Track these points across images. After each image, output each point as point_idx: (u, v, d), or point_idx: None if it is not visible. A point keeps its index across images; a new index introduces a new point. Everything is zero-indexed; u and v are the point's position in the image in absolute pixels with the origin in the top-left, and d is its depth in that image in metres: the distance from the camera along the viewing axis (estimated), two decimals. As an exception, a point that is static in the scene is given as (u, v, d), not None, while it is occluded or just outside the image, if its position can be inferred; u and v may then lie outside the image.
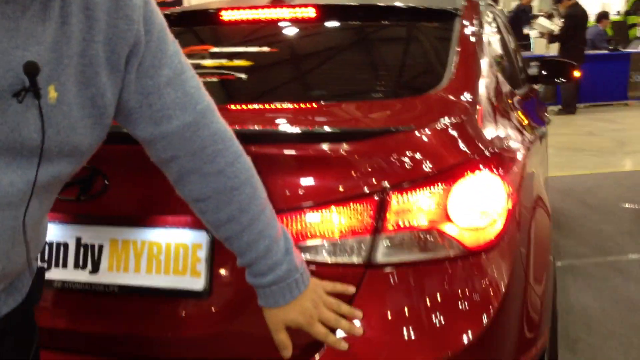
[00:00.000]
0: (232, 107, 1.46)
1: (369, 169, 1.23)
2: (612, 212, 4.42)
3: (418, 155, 1.26)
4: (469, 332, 1.21)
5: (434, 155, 1.28)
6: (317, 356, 1.19)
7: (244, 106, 1.50)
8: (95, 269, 1.28)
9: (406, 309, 1.21)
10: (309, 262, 1.20)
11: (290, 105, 1.45)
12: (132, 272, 1.26)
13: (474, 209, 1.29)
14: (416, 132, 1.29)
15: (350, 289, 1.20)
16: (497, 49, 2.38)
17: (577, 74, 3.36)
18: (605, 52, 10.56)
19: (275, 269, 1.11)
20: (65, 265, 1.30)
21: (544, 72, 3.62)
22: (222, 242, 1.13)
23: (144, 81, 0.97)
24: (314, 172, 1.23)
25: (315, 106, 1.47)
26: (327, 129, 1.30)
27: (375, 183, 1.22)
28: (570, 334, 2.63)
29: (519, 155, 1.62)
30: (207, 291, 1.23)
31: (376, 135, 1.27)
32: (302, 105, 1.45)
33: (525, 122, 2.10)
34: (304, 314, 1.15)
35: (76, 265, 1.29)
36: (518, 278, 1.34)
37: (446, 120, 1.37)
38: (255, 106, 1.49)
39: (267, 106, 1.48)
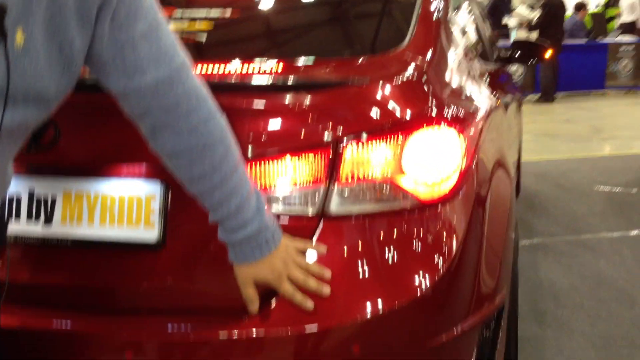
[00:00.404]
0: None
1: (324, 120, 1.22)
2: (585, 194, 4.46)
3: (374, 108, 1.27)
4: (422, 282, 1.22)
5: (389, 109, 1.28)
6: (273, 302, 1.19)
7: (203, 62, 1.48)
8: (48, 222, 1.26)
9: (359, 260, 1.21)
10: (262, 213, 1.20)
11: (248, 59, 1.44)
12: (85, 224, 1.25)
13: (429, 162, 1.29)
14: (372, 85, 1.29)
15: (322, 249, 1.20)
16: (465, 20, 2.38)
17: (549, 54, 3.38)
18: (583, 42, 10.66)
19: (245, 226, 1.12)
20: (18, 217, 1.28)
21: (516, 54, 3.66)
22: (195, 197, 1.13)
23: (118, 34, 0.96)
24: (268, 122, 1.22)
25: (274, 60, 1.46)
26: (282, 79, 1.30)
27: (329, 134, 1.22)
28: (538, 307, 2.66)
29: (479, 118, 1.63)
30: (160, 243, 1.23)
31: (332, 87, 1.27)
32: (260, 59, 1.45)
33: (491, 91, 2.11)
34: (273, 272, 1.16)
35: (29, 218, 1.27)
36: (473, 233, 1.35)
37: (404, 76, 1.37)
38: (214, 61, 1.48)
39: (224, 61, 1.47)
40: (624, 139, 6.56)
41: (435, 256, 1.24)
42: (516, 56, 3.61)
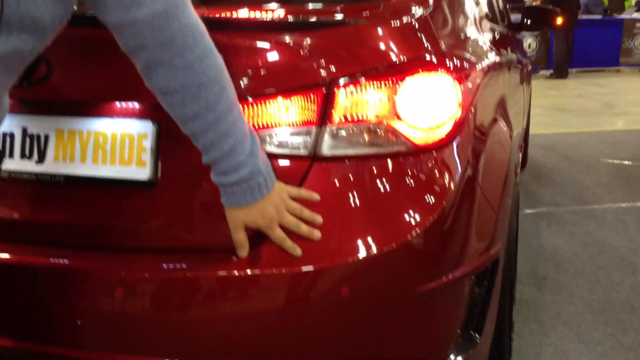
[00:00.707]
0: None
1: (319, 60, 1.21)
2: (592, 166, 4.43)
3: (369, 49, 1.25)
4: (412, 228, 1.21)
5: (385, 51, 1.26)
6: (264, 243, 1.19)
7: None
8: (41, 159, 1.27)
9: (350, 203, 1.20)
10: (254, 152, 1.19)
11: None
12: (78, 162, 1.25)
13: (424, 108, 1.27)
14: (370, 26, 1.27)
15: (315, 196, 1.20)
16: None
17: (560, 21, 3.33)
18: (599, 17, 10.48)
19: (238, 169, 1.11)
20: (11, 155, 1.28)
21: (527, 20, 3.60)
22: (189, 137, 1.13)
23: None
24: (262, 61, 1.21)
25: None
26: (277, 18, 1.28)
27: (324, 74, 1.20)
28: (538, 272, 2.66)
29: (481, 71, 1.61)
30: (152, 181, 1.22)
31: (328, 27, 1.25)
32: None
33: (497, 51, 2.08)
34: (265, 216, 1.16)
35: (22, 156, 1.28)
36: (467, 182, 1.33)
37: (403, 19, 1.35)
38: None
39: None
40: (635, 114, 6.49)
41: (427, 202, 1.24)
42: (527, 23, 3.57)
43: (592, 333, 2.14)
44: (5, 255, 1.27)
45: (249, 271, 1.18)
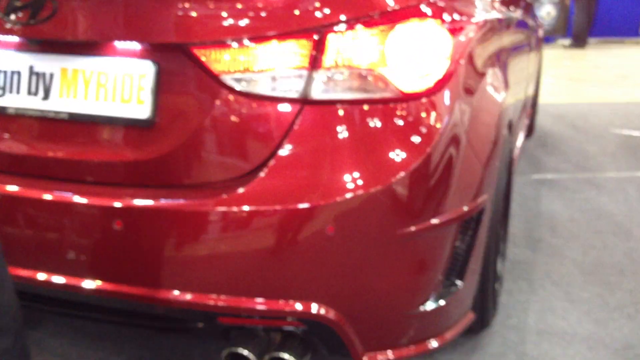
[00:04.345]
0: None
1: (312, 6, 1.26)
2: (600, 136, 4.43)
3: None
4: (397, 172, 1.27)
5: None
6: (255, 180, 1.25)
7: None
8: (46, 96, 1.33)
9: (339, 145, 1.26)
10: (246, 95, 1.25)
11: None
12: (81, 99, 1.31)
13: (414, 55, 1.32)
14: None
15: None
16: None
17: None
18: (621, -13, 10.27)
19: None
20: (18, 92, 1.35)
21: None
22: None
23: None
24: (257, 5, 1.25)
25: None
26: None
27: (316, 20, 1.25)
28: (534, 235, 2.70)
29: (477, 24, 1.63)
30: (151, 120, 1.28)
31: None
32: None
33: (498, 8, 2.10)
34: None
35: (29, 93, 1.34)
36: (454, 132, 1.38)
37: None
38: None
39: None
40: (651, 87, 6.43)
41: (412, 148, 1.29)
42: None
43: (580, 293, 2.20)
44: (12, 188, 1.34)
45: (241, 207, 1.24)
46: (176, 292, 1.28)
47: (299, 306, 1.28)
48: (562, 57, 8.80)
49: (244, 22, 1.24)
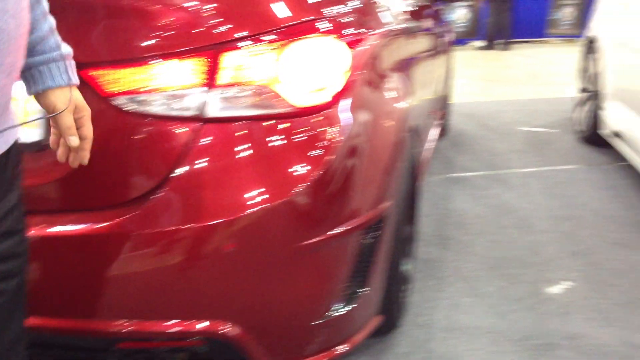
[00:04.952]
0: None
1: (207, 23, 1.28)
2: (508, 134, 4.65)
3: (257, 13, 1.33)
4: (294, 186, 1.31)
5: (273, 14, 1.34)
6: (151, 200, 1.26)
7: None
8: None
9: (238, 162, 1.29)
10: (141, 115, 1.25)
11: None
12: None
13: (309, 71, 1.36)
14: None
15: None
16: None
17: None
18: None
19: (60, 47, 1.06)
20: None
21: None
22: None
23: None
24: (152, 23, 1.26)
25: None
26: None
27: (209, 37, 1.27)
28: (444, 233, 2.82)
29: (377, 34, 1.70)
30: (43, 143, 1.27)
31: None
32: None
33: (401, 16, 2.18)
34: (68, 104, 1.07)
35: None
36: (352, 143, 1.44)
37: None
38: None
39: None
40: (557, 84, 6.76)
41: (310, 162, 1.33)
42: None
43: (485, 287, 2.31)
44: None
45: (139, 228, 1.25)
46: (75, 319, 1.27)
47: (201, 325, 1.30)
48: (475, 58, 9.14)
49: (137, 42, 1.25)
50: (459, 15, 10.36)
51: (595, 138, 4.09)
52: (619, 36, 3.79)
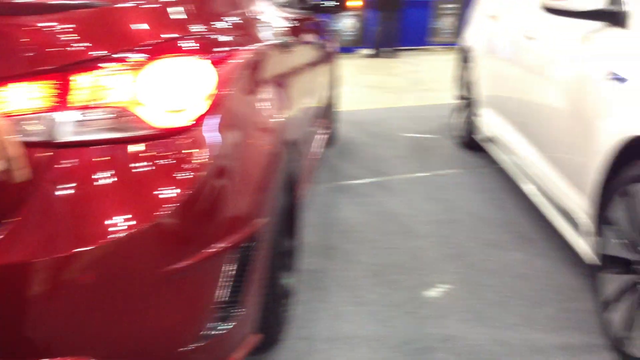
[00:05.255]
0: None
1: (58, 44, 1.22)
2: (393, 140, 4.79)
3: (114, 32, 1.28)
4: (157, 211, 1.27)
5: (130, 34, 1.30)
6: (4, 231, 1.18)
7: None
8: None
9: (97, 187, 1.23)
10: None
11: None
12: None
13: (170, 91, 1.33)
14: (113, 8, 1.30)
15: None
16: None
17: (350, 3, 3.52)
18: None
19: None
20: None
21: (323, 2, 3.78)
22: None
23: None
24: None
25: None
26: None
27: (63, 58, 1.21)
28: (329, 243, 2.85)
29: (247, 50, 1.69)
30: None
31: (68, 9, 1.26)
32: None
33: (275, 29, 2.18)
34: None
35: None
36: (219, 163, 1.41)
37: (152, 2, 1.38)
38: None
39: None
40: (438, 90, 7.07)
41: (173, 184, 1.29)
42: (323, 5, 3.74)
43: (368, 295, 2.36)
44: None
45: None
46: None
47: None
48: (362, 66, 9.38)
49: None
50: (347, 24, 10.61)
51: (472, 143, 4.31)
52: (489, 47, 4.01)
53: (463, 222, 3.12)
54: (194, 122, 1.37)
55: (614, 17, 2.25)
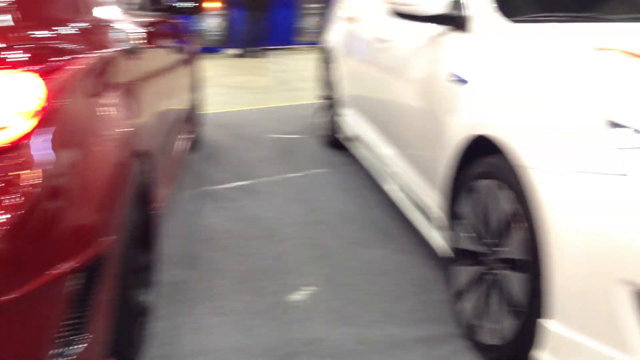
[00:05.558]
0: None
1: None
2: (259, 142, 4.77)
3: None
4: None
5: None
6: None
7: None
8: None
9: None
10: None
11: None
12: None
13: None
14: None
15: None
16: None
17: (205, 5, 3.46)
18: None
19: None
20: None
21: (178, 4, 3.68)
22: None
23: None
24: None
25: None
26: None
27: None
28: (192, 252, 2.77)
29: (88, 61, 1.59)
30: None
31: None
32: None
33: (119, 35, 2.08)
34: None
35: None
36: (54, 181, 1.31)
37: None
38: None
39: None
40: (304, 90, 7.12)
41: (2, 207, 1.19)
42: (178, 7, 3.63)
43: (232, 304, 2.32)
44: None
45: None
46: None
47: None
48: (229, 66, 9.28)
49: None
50: (212, 24, 10.45)
51: (336, 142, 4.39)
52: (348, 48, 4.10)
53: (328, 222, 3.16)
54: (21, 140, 1.27)
55: (455, 22, 2.37)
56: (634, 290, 1.43)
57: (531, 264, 1.69)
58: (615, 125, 1.52)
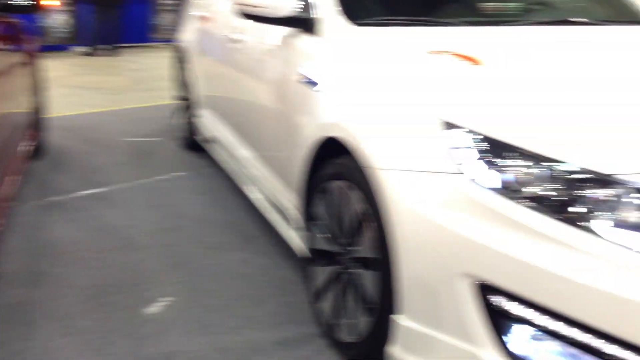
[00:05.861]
0: None
1: None
2: (112, 146, 4.54)
3: None
4: None
5: None
6: None
7: None
8: None
9: None
10: None
11: None
12: None
13: None
14: None
15: None
16: None
17: (44, 2, 3.22)
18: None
19: None
20: None
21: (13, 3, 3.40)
22: None
23: None
24: None
25: None
26: None
27: None
28: (36, 268, 2.57)
29: None
30: None
31: None
32: None
33: None
34: None
35: None
36: None
37: None
38: None
39: None
40: (160, 89, 6.88)
41: None
42: (14, 5, 3.36)
43: (82, 322, 2.17)
44: None
45: None
46: None
47: None
48: (79, 65, 8.77)
49: None
50: (58, 20, 9.81)
51: (194, 144, 4.28)
52: (202, 48, 4.00)
53: (186, 227, 3.07)
54: None
55: (304, 24, 2.38)
56: (474, 283, 1.50)
57: (382, 262, 1.74)
58: (450, 125, 1.59)
